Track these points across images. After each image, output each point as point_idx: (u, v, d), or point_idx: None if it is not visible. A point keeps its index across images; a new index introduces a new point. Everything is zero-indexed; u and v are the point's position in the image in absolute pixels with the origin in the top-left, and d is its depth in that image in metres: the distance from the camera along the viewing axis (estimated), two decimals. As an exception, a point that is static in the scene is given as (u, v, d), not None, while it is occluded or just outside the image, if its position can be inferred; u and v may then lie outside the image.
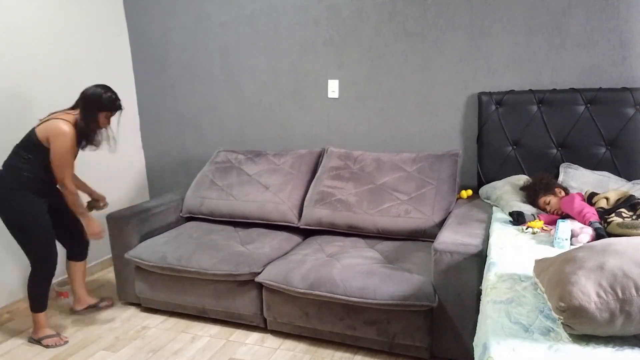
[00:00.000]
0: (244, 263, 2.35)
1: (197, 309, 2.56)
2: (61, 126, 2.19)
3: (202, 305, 2.51)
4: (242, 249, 2.50)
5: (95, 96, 2.28)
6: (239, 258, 2.38)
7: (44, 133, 2.20)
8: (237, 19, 3.20)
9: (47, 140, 2.20)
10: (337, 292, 2.10)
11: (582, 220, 1.88)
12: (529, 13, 2.57)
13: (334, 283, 2.12)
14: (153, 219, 2.81)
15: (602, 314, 1.10)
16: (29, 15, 2.79)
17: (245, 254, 2.43)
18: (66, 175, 2.25)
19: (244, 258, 2.38)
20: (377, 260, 2.28)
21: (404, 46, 2.85)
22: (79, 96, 2.31)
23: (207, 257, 2.42)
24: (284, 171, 2.91)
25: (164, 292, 2.57)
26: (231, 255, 2.42)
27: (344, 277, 2.13)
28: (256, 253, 2.44)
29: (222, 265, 2.36)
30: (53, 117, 2.24)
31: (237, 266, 2.34)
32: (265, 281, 2.27)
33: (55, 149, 2.20)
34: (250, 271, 2.32)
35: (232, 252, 2.45)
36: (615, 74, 2.47)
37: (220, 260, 2.39)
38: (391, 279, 2.07)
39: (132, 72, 3.58)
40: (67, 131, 2.19)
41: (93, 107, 2.28)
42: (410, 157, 2.75)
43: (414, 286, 2.02)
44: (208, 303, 2.48)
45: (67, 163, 2.24)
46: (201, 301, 2.49)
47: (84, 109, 2.28)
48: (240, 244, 2.59)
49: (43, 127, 2.22)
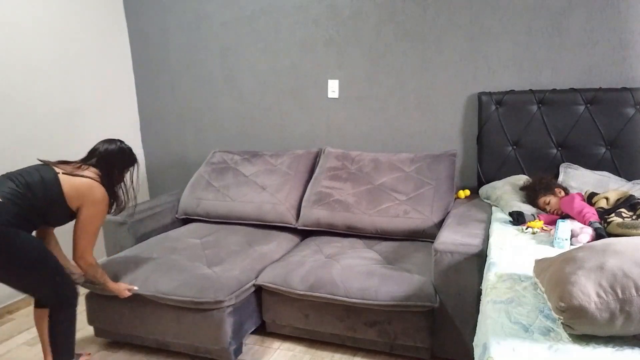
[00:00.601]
0: (210, 288, 2.05)
1: (157, 342, 2.26)
2: (99, 192, 1.91)
3: (163, 338, 2.20)
4: (208, 272, 2.19)
5: (119, 153, 2.03)
6: (204, 282, 2.08)
7: (75, 192, 1.87)
8: (237, 19, 3.20)
9: (76, 200, 1.88)
10: (338, 294, 2.08)
11: (582, 220, 1.88)
12: (529, 13, 2.57)
13: (334, 284, 2.09)
14: (148, 220, 2.76)
15: (602, 314, 1.10)
16: (29, 15, 2.79)
17: (211, 277, 2.13)
18: (90, 247, 1.94)
19: (209, 282, 2.08)
20: (377, 260, 2.27)
21: (404, 46, 2.85)
22: (96, 155, 2.00)
23: (167, 280, 2.12)
24: (281, 172, 2.90)
25: (118, 321, 2.24)
26: (195, 278, 2.12)
27: (344, 278, 2.11)
28: (224, 277, 2.13)
29: (184, 289, 2.06)
30: (78, 174, 1.90)
31: (201, 291, 2.04)
32: (264, 283, 2.23)
33: (90, 217, 1.90)
34: (216, 299, 2.02)
35: (197, 274, 2.15)
36: (615, 74, 2.47)
37: (182, 283, 2.09)
38: (392, 280, 2.06)
39: (132, 72, 3.57)
40: (105, 199, 1.93)
41: (119, 165, 2.03)
42: (408, 157, 2.75)
43: (414, 286, 2.01)
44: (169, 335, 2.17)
45: (96, 234, 1.96)
46: (161, 332, 2.18)
47: (108, 167, 1.99)
48: (206, 266, 2.27)
49: (72, 184, 1.87)
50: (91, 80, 3.23)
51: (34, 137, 2.86)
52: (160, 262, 2.27)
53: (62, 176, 1.86)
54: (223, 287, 2.07)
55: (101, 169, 1.97)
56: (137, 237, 2.67)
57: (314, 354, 2.24)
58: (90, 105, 3.23)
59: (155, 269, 2.20)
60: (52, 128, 2.97)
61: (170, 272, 2.17)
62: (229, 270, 2.20)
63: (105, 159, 1.99)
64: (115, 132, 3.44)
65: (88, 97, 3.21)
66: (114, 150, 2.02)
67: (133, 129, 3.62)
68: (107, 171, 1.99)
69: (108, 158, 2.00)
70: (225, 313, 2.05)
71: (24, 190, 1.78)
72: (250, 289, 2.22)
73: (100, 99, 3.31)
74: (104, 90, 3.34)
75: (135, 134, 3.65)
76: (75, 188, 1.87)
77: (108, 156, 2.00)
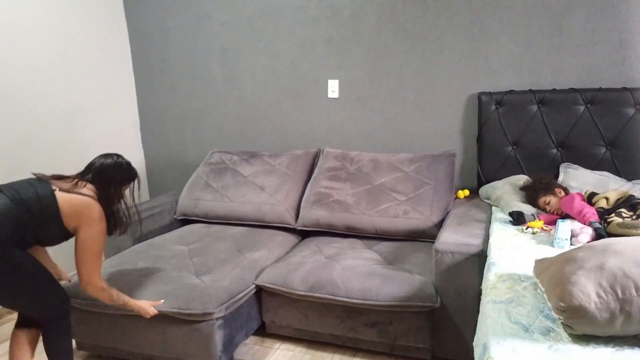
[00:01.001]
0: (197, 300, 1.94)
1: (143, 356, 2.15)
2: (97, 211, 1.79)
3: (149, 352, 2.08)
4: (196, 282, 2.08)
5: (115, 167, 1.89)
6: (191, 293, 1.98)
7: (72, 210, 1.75)
8: (237, 19, 3.20)
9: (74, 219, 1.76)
10: (339, 294, 2.07)
11: (582, 220, 1.88)
12: (529, 13, 2.57)
13: (335, 285, 2.08)
14: (146, 221, 2.72)
15: (602, 314, 1.10)
16: (29, 15, 2.79)
17: (199, 288, 2.02)
18: (95, 270, 1.80)
19: (197, 293, 1.97)
20: (377, 261, 2.27)
21: (404, 46, 2.85)
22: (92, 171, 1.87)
23: (152, 292, 2.01)
24: (280, 172, 2.90)
25: (101, 334, 2.13)
26: (182, 288, 2.01)
27: (345, 278, 2.09)
28: (213, 287, 2.02)
29: (170, 301, 1.95)
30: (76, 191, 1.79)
31: (188, 303, 1.94)
32: (264, 284, 2.20)
33: (91, 237, 1.77)
34: (204, 310, 1.91)
35: (184, 284, 2.05)
36: (615, 74, 2.47)
37: (168, 294, 1.99)
38: (392, 280, 2.05)
39: (132, 72, 3.57)
40: (100, 216, 1.80)
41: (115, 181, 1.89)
42: (407, 157, 2.75)
43: (415, 287, 2.00)
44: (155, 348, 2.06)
45: (100, 255, 1.83)
46: (147, 346, 2.07)
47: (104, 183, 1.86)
48: (194, 275, 2.17)
49: (69, 202, 1.75)
50: (91, 80, 3.23)
51: (34, 137, 2.86)
52: (145, 272, 2.16)
53: (58, 193, 1.75)
54: (212, 298, 1.95)
55: (97, 185, 1.85)
56: (135, 238, 2.65)
57: (314, 355, 2.24)
58: (90, 105, 3.23)
59: (139, 279, 2.10)
60: (52, 128, 2.97)
61: (155, 282, 2.06)
62: (218, 280, 2.08)
63: (100, 174, 1.86)
64: (115, 132, 3.45)
65: (88, 97, 3.21)
66: (109, 165, 1.88)
67: (133, 129, 3.62)
68: (103, 187, 1.85)
69: (103, 173, 1.86)
70: (214, 326, 1.94)
71: (18, 206, 1.66)
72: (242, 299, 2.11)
73: (100, 99, 3.31)
74: (104, 90, 3.34)
75: (135, 134, 3.65)
76: (72, 206, 1.75)
77: (103, 171, 1.86)
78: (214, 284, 2.04)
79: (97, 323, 2.11)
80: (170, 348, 2.01)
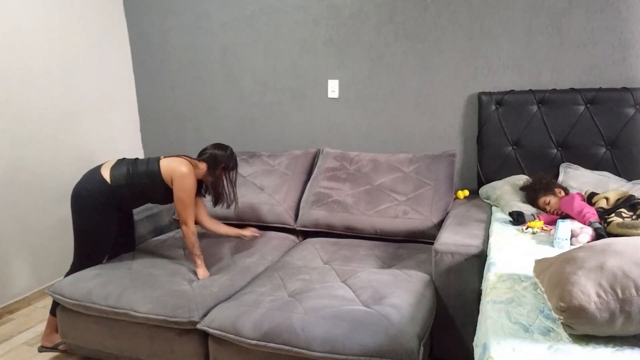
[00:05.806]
0: (184, 307, 1.88)
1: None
2: (185, 167, 2.23)
3: (136, 356, 2.04)
4: (185, 288, 2.03)
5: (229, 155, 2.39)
6: (179, 300, 1.92)
7: (168, 168, 2.24)
8: (237, 19, 3.20)
9: (168, 175, 2.24)
10: (297, 345, 1.64)
11: (582, 220, 1.87)
12: (529, 13, 2.57)
13: (294, 332, 1.67)
14: (144, 222, 2.73)
15: (602, 314, 1.10)
16: (29, 15, 2.79)
17: (187, 294, 1.96)
18: (189, 215, 2.24)
19: (184, 300, 1.92)
20: (349, 300, 1.85)
21: (404, 46, 2.85)
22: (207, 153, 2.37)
23: (141, 297, 1.96)
24: (279, 172, 2.90)
25: (90, 337, 2.11)
26: (171, 295, 1.95)
27: (306, 324, 1.68)
28: (200, 294, 1.96)
29: (157, 307, 1.90)
30: (174, 155, 2.33)
31: (175, 310, 1.88)
32: (208, 328, 1.81)
33: (179, 187, 2.21)
34: (190, 319, 1.85)
35: (172, 290, 1.99)
36: (615, 74, 2.47)
37: (156, 300, 1.93)
38: (364, 327, 1.63)
39: (132, 72, 3.58)
40: (187, 172, 2.23)
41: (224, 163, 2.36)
42: (406, 157, 2.74)
43: (391, 337, 1.59)
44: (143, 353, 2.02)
45: (190, 203, 2.24)
46: (135, 351, 2.03)
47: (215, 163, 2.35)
48: (186, 281, 2.12)
49: (168, 164, 2.25)
50: (91, 80, 3.23)
51: (34, 137, 2.86)
52: (138, 275, 2.14)
53: (162, 160, 2.27)
54: (198, 306, 1.89)
55: (208, 163, 2.34)
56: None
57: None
58: (90, 105, 3.23)
59: (130, 283, 2.06)
60: (52, 128, 2.97)
61: (144, 288, 2.01)
62: (207, 286, 2.03)
63: (215, 158, 2.34)
64: (115, 132, 3.45)
65: (88, 97, 3.21)
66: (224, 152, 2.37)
67: (133, 129, 3.62)
68: (212, 165, 2.34)
69: (216, 157, 2.34)
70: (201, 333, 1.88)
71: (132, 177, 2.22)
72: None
73: (100, 99, 3.31)
74: (104, 90, 3.34)
75: (135, 134, 3.65)
76: (169, 165, 2.24)
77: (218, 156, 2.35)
78: (203, 291, 2.00)
79: (87, 326, 2.10)
80: (158, 353, 1.99)
